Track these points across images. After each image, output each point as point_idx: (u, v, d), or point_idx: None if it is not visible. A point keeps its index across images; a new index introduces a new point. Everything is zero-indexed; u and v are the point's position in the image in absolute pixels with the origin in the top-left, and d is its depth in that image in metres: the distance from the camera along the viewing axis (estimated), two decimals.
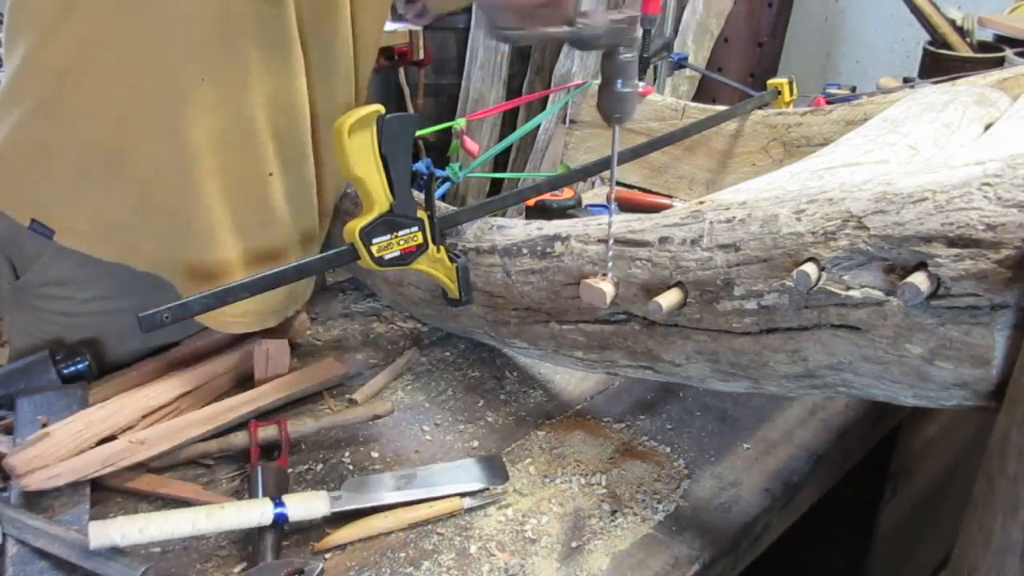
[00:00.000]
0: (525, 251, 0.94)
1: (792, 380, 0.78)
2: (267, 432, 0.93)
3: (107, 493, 0.88)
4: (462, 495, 0.87)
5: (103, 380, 1.02)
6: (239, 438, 0.93)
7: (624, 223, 0.87)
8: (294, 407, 1.01)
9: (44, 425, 0.91)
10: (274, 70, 0.95)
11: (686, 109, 1.56)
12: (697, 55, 2.92)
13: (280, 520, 0.80)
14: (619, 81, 0.86)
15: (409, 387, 1.06)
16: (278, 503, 0.80)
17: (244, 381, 1.05)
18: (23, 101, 0.95)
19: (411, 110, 2.98)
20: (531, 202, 1.44)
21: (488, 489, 0.88)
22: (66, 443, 0.87)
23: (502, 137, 3.17)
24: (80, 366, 1.00)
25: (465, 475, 0.89)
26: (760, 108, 1.52)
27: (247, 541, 0.83)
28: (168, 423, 0.94)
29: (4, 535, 0.79)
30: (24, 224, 0.98)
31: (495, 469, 0.90)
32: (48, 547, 0.78)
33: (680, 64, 1.78)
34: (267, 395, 1.00)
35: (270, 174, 0.99)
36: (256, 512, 0.80)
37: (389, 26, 2.37)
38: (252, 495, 0.85)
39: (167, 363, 1.05)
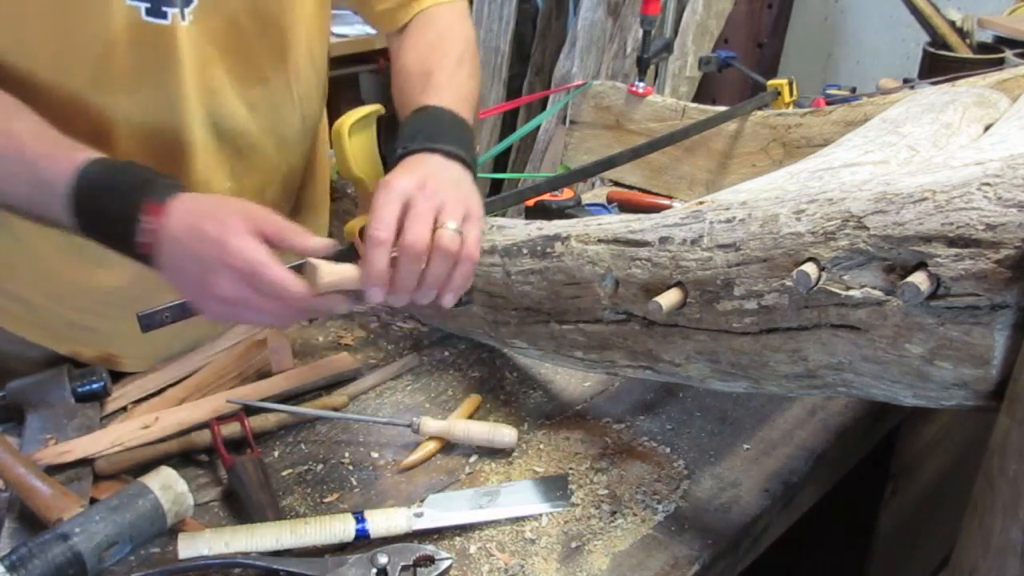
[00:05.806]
0: (525, 251, 0.94)
1: (792, 380, 0.78)
2: (230, 428, 0.93)
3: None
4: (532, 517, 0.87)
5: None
6: (202, 436, 0.93)
7: (624, 223, 0.87)
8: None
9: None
10: None
11: (686, 110, 1.56)
12: (697, 56, 2.92)
13: (362, 536, 0.81)
14: None
15: (409, 388, 1.06)
16: (360, 519, 0.81)
17: (246, 382, 1.04)
18: None
19: None
20: (531, 202, 1.44)
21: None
22: None
23: (502, 138, 3.17)
24: (95, 386, 0.97)
25: (537, 495, 0.88)
26: (760, 109, 1.52)
27: None
28: (174, 408, 0.96)
29: None
30: None
31: (561, 490, 0.89)
32: None
33: (727, 63, 1.80)
34: (277, 385, 1.00)
35: None
36: (339, 528, 0.80)
37: None
38: (240, 486, 0.85)
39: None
